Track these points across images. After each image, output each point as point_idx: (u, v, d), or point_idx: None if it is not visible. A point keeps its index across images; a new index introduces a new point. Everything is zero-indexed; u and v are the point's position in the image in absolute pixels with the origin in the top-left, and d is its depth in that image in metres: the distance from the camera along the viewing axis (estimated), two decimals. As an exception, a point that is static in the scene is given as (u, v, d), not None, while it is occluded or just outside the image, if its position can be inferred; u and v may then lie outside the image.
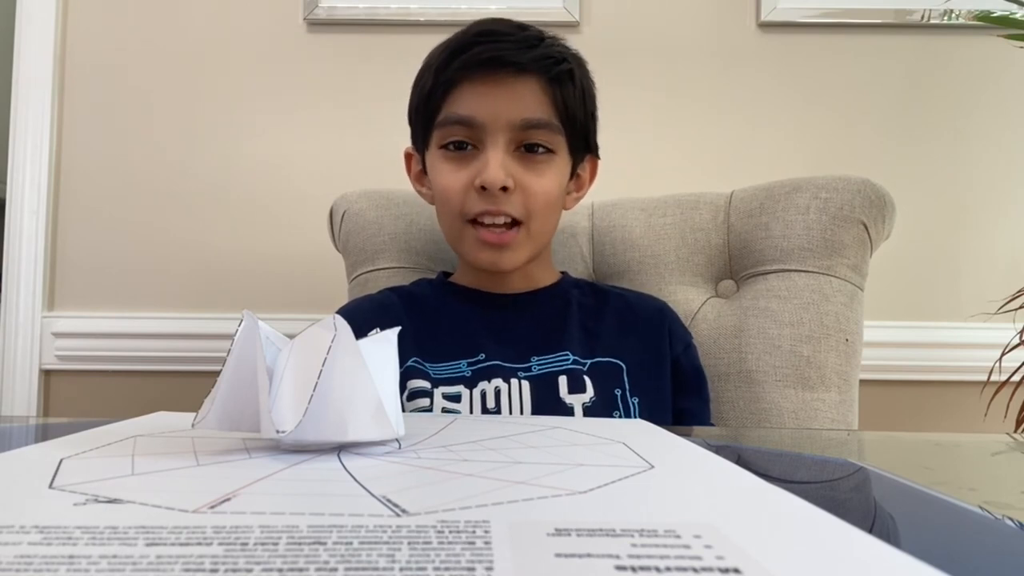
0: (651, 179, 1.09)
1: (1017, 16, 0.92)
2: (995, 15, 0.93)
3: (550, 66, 0.62)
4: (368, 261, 0.84)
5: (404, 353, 0.63)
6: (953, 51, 1.12)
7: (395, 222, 0.84)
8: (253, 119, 1.14)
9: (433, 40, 0.68)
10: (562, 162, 0.65)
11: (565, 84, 0.63)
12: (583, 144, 0.67)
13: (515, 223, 0.62)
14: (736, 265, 0.81)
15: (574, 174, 0.69)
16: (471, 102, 0.62)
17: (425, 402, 0.60)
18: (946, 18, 1.10)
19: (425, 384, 0.61)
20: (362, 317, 0.67)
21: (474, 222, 0.63)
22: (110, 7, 1.15)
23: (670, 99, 1.13)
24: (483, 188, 0.60)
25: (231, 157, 1.14)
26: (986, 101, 1.12)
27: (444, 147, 0.64)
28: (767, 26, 1.13)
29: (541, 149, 0.63)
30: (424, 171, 0.69)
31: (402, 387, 0.61)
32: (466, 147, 0.63)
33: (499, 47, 0.61)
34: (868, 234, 0.75)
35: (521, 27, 0.64)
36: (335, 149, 1.13)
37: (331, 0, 1.13)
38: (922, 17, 1.11)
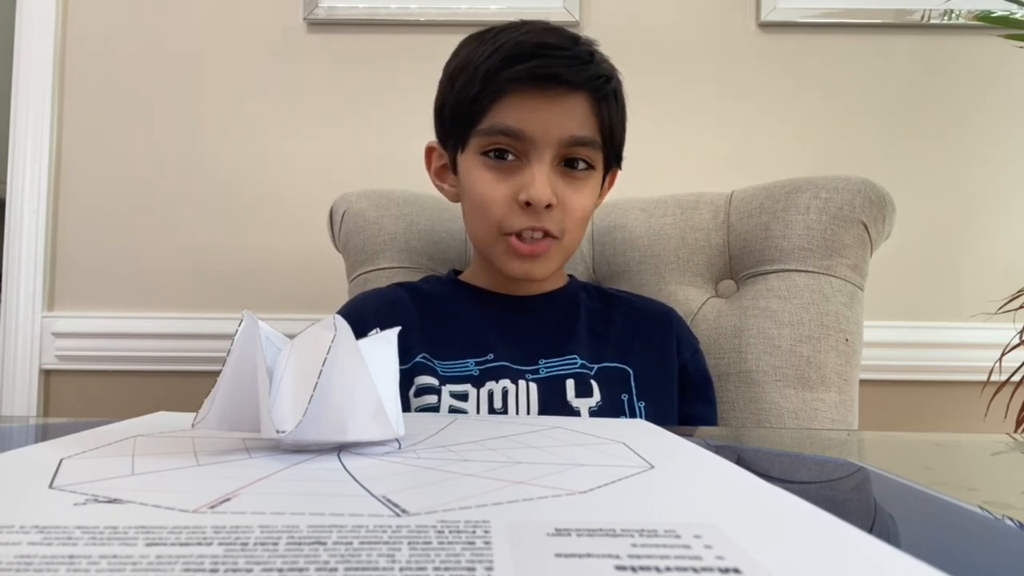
0: (651, 179, 1.09)
1: (1017, 16, 0.92)
2: (995, 15, 0.93)
3: (601, 85, 0.62)
4: (368, 261, 0.84)
5: (413, 349, 0.62)
6: (953, 51, 1.12)
7: (395, 222, 0.84)
8: (253, 119, 1.14)
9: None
10: (598, 177, 0.65)
11: (610, 102, 0.63)
12: (615, 158, 0.68)
13: (549, 235, 0.62)
14: (736, 265, 0.81)
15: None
16: (521, 114, 0.60)
17: (433, 399, 0.60)
18: (946, 18, 1.10)
19: (433, 381, 0.61)
20: (371, 311, 0.66)
21: (509, 233, 0.62)
22: (110, 7, 1.15)
23: (670, 99, 1.13)
24: (527, 204, 0.60)
25: (231, 157, 1.14)
26: (986, 101, 1.12)
27: (484, 154, 0.62)
28: (767, 26, 1.13)
29: (582, 165, 0.62)
30: (450, 169, 0.68)
31: (410, 383, 0.61)
32: (507, 156, 0.61)
33: (555, 63, 0.60)
34: (868, 234, 0.75)
35: (573, 40, 0.63)
36: (335, 149, 1.13)
37: (331, 0, 1.13)
38: (922, 17, 1.11)
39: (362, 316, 0.64)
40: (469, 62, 0.63)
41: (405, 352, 0.62)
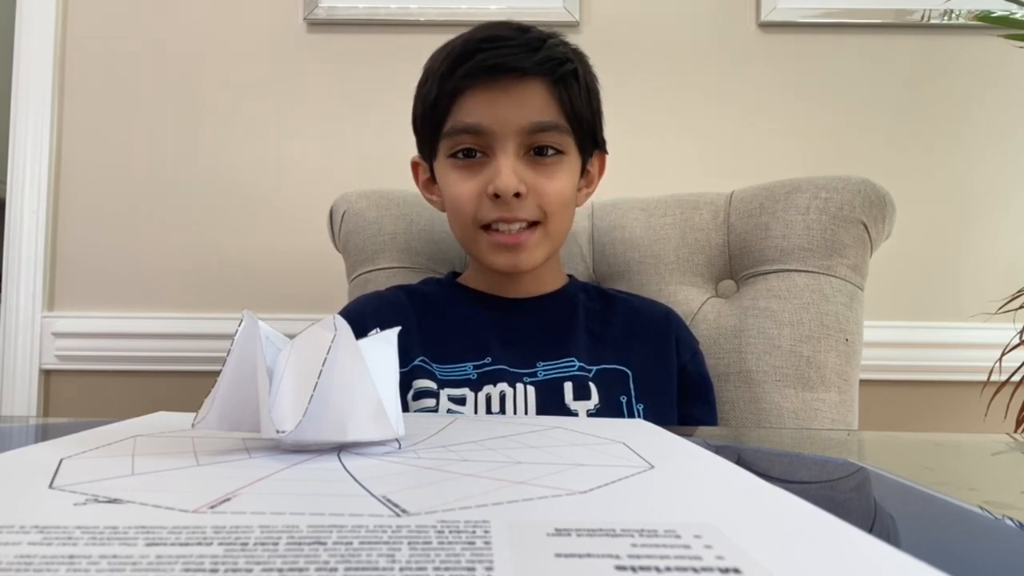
0: (651, 179, 1.09)
1: (1017, 16, 0.92)
2: (995, 15, 0.93)
3: (554, 67, 0.62)
4: (368, 261, 0.84)
5: (411, 352, 0.62)
6: (953, 51, 1.12)
7: (395, 222, 0.84)
8: (253, 119, 1.14)
9: (433, 40, 0.68)
10: (572, 162, 0.65)
11: (570, 84, 0.63)
12: (591, 141, 0.67)
13: (532, 224, 0.62)
14: (736, 265, 0.81)
15: (584, 171, 0.69)
16: (477, 110, 0.61)
17: (431, 403, 0.60)
18: (946, 18, 1.10)
19: (431, 385, 0.61)
20: (370, 314, 0.67)
21: (487, 227, 0.62)
22: (110, 8, 1.15)
23: (670, 99, 1.13)
24: (496, 195, 0.60)
25: (231, 157, 1.14)
26: (986, 101, 1.12)
27: (453, 156, 0.63)
28: (767, 26, 1.13)
29: (551, 151, 0.62)
30: (432, 179, 0.69)
31: (408, 386, 0.61)
32: (475, 154, 0.62)
33: (502, 53, 0.60)
34: (868, 234, 0.75)
35: (522, 29, 0.63)
36: (335, 149, 1.13)
37: (331, 0, 1.13)
38: (922, 17, 1.11)
39: (361, 318, 0.64)
40: (430, 71, 0.65)
41: (404, 355, 0.62)
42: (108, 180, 1.14)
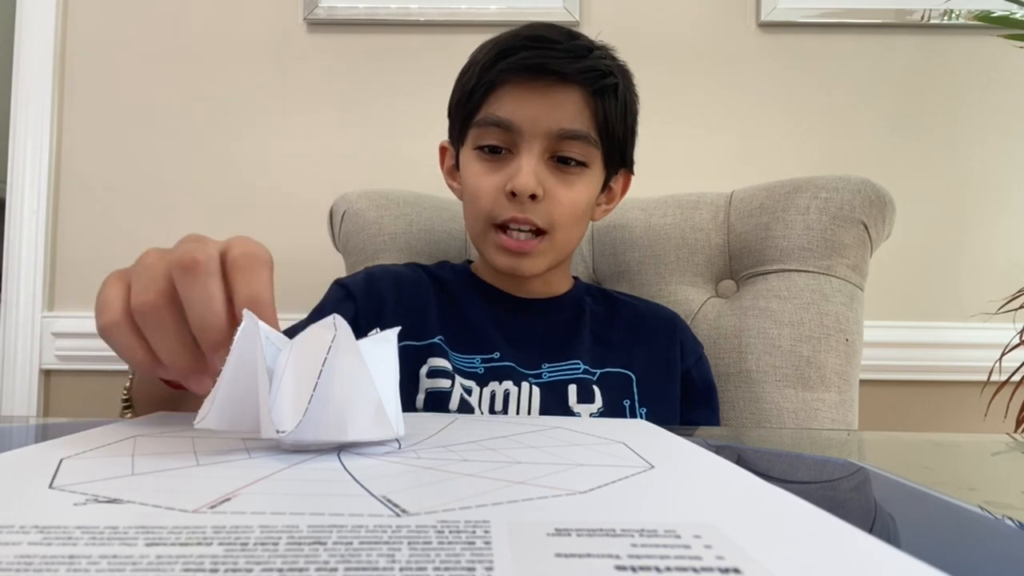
0: (651, 179, 1.09)
1: (1017, 16, 0.92)
2: (995, 15, 0.93)
3: (595, 79, 0.61)
4: (368, 261, 0.84)
5: (430, 329, 0.62)
6: (953, 51, 1.12)
7: (395, 222, 0.84)
8: (253, 119, 1.14)
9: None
10: (595, 175, 0.64)
11: (608, 98, 0.62)
12: (619, 158, 0.67)
13: (539, 232, 0.62)
14: (736, 265, 0.81)
15: (606, 186, 0.68)
16: (510, 105, 0.61)
17: (446, 384, 0.59)
18: (946, 18, 1.10)
19: (447, 365, 0.61)
20: (390, 284, 0.65)
21: (498, 227, 0.62)
22: (110, 8, 1.15)
23: (670, 99, 1.13)
24: (513, 194, 0.60)
25: (231, 157, 1.14)
26: (986, 101, 1.12)
27: (479, 148, 0.63)
28: (767, 26, 1.13)
29: (574, 162, 0.62)
30: (456, 166, 0.69)
31: (422, 361, 0.60)
32: (500, 151, 0.62)
33: (546, 54, 0.60)
34: (868, 234, 0.75)
35: (572, 36, 0.63)
36: (335, 149, 1.13)
37: (331, 0, 1.13)
38: (922, 17, 1.11)
39: (375, 286, 0.64)
40: (473, 61, 0.65)
41: (422, 329, 0.62)
42: (108, 180, 1.14)
